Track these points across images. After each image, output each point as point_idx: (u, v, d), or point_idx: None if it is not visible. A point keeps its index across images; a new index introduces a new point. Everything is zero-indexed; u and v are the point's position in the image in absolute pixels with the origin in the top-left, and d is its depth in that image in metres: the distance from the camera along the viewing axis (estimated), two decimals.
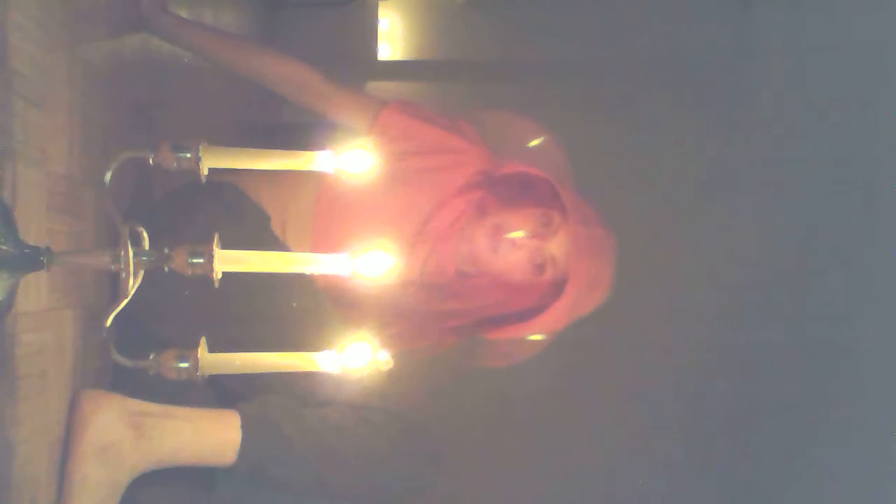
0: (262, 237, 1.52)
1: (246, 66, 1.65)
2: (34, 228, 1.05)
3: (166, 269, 0.95)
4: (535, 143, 1.69)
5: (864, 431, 2.74)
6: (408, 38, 3.89)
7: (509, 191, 1.62)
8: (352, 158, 0.97)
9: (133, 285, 0.94)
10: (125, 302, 0.95)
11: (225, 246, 0.94)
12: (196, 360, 0.96)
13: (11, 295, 0.92)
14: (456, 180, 1.62)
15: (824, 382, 3.03)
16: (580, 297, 1.55)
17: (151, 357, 0.98)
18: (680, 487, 3.54)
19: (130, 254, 0.93)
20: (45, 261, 0.92)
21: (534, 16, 3.75)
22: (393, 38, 3.88)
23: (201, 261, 0.93)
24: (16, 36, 1.01)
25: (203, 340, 0.98)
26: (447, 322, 1.62)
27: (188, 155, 0.96)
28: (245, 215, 1.53)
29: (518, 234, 1.57)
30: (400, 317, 1.57)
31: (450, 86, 3.85)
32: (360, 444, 1.41)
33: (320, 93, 1.62)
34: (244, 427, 1.31)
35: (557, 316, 1.56)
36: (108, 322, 0.97)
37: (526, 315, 1.60)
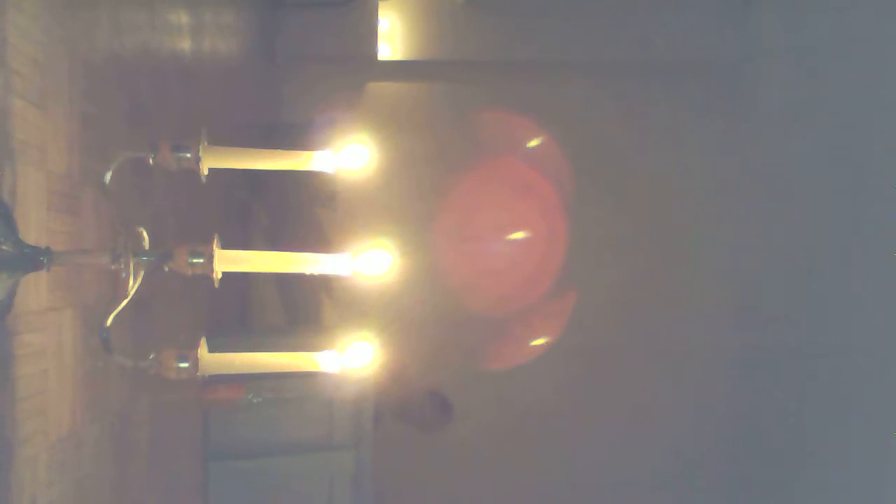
0: None
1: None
2: (34, 228, 1.05)
3: (166, 268, 0.95)
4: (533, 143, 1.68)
5: (865, 431, 2.74)
6: (408, 38, 3.88)
7: None
8: (350, 156, 0.98)
9: (133, 285, 0.94)
10: (125, 302, 0.95)
11: None
12: (196, 360, 0.96)
13: (11, 295, 0.92)
14: None
15: (825, 383, 3.03)
16: None
17: (151, 357, 0.98)
18: (682, 489, 3.54)
19: (130, 254, 0.93)
20: (45, 261, 0.92)
21: (534, 16, 3.75)
22: (393, 38, 3.88)
23: (201, 261, 0.93)
24: (16, 36, 1.01)
25: (203, 340, 0.98)
26: None
27: (188, 155, 0.96)
28: None
29: None
30: None
31: (449, 86, 3.85)
32: None
33: None
34: None
35: None
36: (109, 322, 0.97)
37: None
